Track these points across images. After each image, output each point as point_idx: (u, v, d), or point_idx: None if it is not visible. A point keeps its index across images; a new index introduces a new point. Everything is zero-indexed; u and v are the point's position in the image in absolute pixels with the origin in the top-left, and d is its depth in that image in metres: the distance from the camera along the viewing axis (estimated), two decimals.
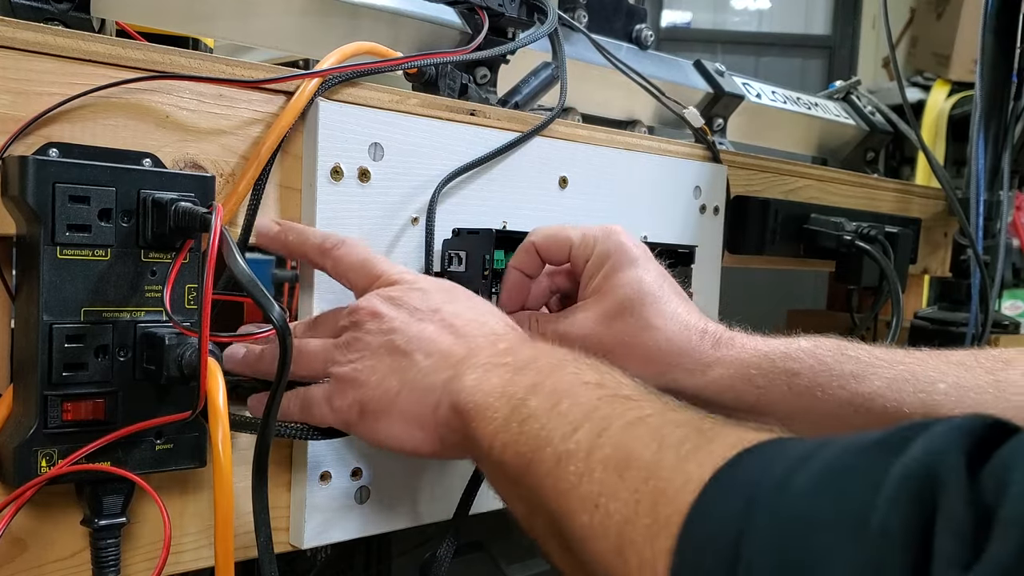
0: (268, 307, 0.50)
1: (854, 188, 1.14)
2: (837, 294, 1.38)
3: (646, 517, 0.37)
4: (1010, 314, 1.57)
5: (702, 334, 0.65)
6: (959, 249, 1.25)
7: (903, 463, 0.31)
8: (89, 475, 0.54)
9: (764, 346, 0.64)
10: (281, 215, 0.64)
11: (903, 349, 0.64)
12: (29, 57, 0.52)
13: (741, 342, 0.65)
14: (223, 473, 0.51)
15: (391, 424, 0.56)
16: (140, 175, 0.54)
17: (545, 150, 0.78)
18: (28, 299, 0.52)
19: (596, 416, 0.44)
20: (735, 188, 0.97)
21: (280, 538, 0.65)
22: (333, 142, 0.64)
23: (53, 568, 0.56)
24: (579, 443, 0.43)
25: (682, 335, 0.64)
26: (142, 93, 0.57)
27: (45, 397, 0.52)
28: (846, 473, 0.33)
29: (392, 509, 0.70)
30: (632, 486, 0.39)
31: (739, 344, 0.64)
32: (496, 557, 0.92)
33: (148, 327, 0.55)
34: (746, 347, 0.64)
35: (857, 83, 1.41)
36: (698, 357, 0.64)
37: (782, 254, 1.01)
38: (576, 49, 0.94)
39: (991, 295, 1.17)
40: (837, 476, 0.33)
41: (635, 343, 0.63)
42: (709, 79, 1.13)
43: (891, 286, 0.95)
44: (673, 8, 4.35)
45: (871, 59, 4.03)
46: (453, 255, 0.70)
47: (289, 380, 0.53)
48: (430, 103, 0.71)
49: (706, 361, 0.64)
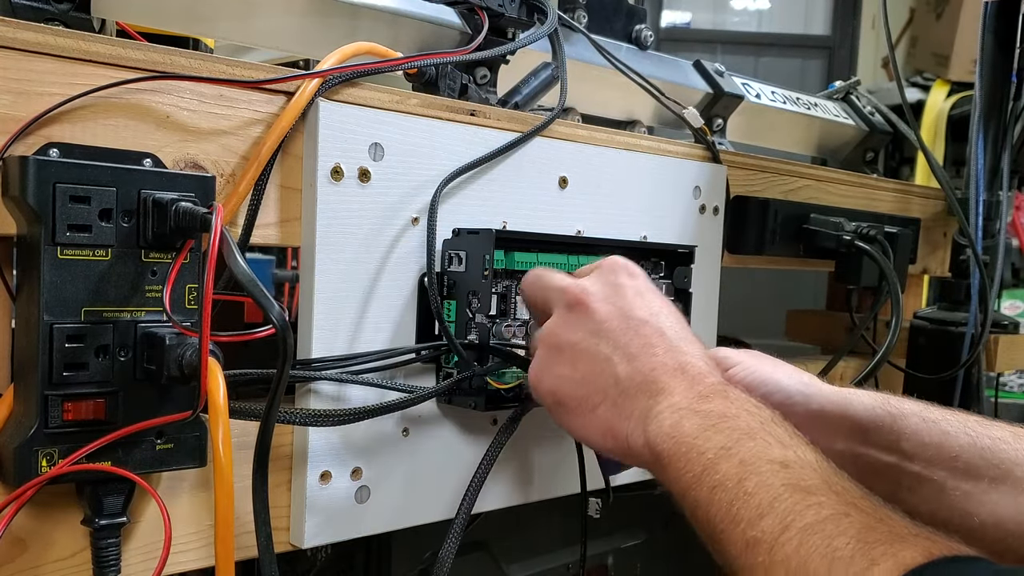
0: (268, 307, 0.50)
1: (853, 188, 1.14)
2: (837, 294, 1.38)
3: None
4: (1009, 314, 1.57)
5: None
6: (958, 249, 1.25)
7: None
8: (89, 475, 0.54)
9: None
10: (281, 215, 0.64)
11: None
12: (30, 57, 0.52)
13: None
14: (223, 473, 0.51)
15: (586, 426, 0.61)
16: (141, 175, 0.54)
17: (545, 150, 0.78)
18: (29, 299, 0.52)
19: (779, 508, 0.48)
20: (735, 188, 0.97)
21: (280, 538, 0.65)
22: (333, 142, 0.64)
23: (53, 568, 0.56)
24: (764, 533, 0.48)
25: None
26: (143, 93, 0.57)
27: (46, 397, 0.52)
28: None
29: (392, 509, 0.70)
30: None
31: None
32: (496, 557, 0.92)
33: (148, 327, 0.55)
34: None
35: (857, 83, 1.41)
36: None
37: (782, 254, 1.01)
38: (576, 49, 0.94)
39: (990, 295, 1.17)
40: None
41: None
42: (709, 79, 1.13)
43: (891, 286, 0.95)
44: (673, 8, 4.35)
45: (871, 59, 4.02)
46: (453, 255, 0.70)
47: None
48: (430, 103, 0.71)
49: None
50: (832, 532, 0.46)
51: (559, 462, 0.80)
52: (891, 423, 0.69)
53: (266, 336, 0.60)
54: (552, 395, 0.63)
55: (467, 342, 0.70)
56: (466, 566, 0.87)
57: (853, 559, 0.44)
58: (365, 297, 0.67)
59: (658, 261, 0.82)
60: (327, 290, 0.65)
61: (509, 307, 0.74)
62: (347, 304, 0.66)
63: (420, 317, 0.71)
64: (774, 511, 0.48)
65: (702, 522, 0.53)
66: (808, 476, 0.50)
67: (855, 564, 0.43)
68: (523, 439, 0.77)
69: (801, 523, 0.47)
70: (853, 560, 0.44)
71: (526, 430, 0.75)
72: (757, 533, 0.48)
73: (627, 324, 0.61)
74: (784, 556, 0.46)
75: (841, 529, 0.46)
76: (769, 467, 0.51)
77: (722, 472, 0.52)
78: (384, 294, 0.68)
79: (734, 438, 0.53)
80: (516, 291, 0.75)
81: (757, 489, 0.50)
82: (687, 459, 0.54)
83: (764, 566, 0.47)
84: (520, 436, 0.74)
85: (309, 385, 0.65)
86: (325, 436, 0.65)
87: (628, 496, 0.89)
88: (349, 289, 0.66)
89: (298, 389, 0.66)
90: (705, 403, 0.56)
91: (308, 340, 0.65)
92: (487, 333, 0.71)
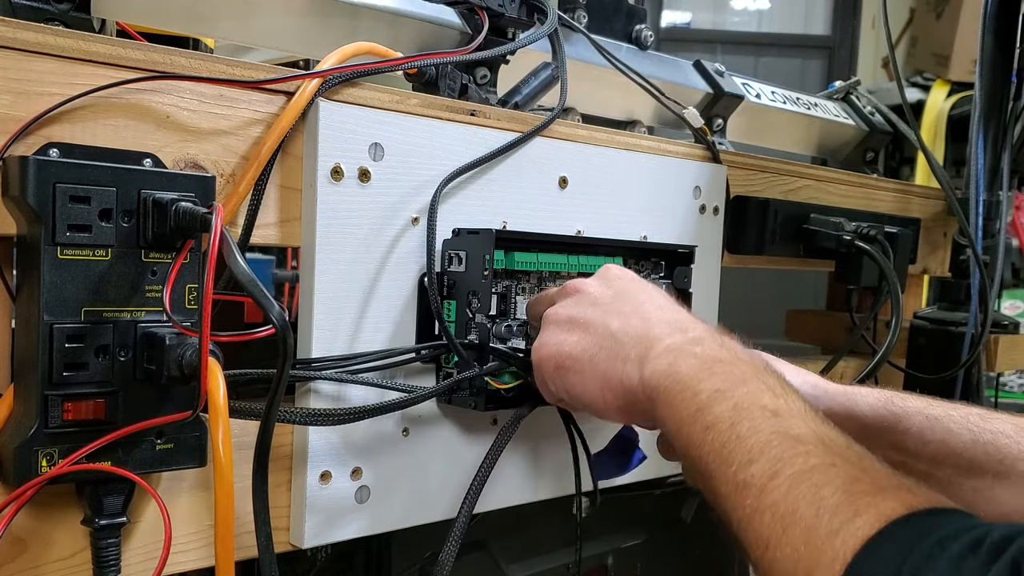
0: (268, 307, 0.50)
1: (854, 188, 1.14)
2: (837, 294, 1.38)
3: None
4: (1009, 314, 1.57)
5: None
6: (958, 249, 1.25)
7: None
8: (89, 475, 0.54)
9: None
10: (281, 215, 0.64)
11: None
12: (30, 57, 0.52)
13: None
14: (223, 473, 0.51)
15: (585, 381, 0.63)
16: (141, 175, 0.54)
17: (545, 150, 0.78)
18: (29, 299, 0.52)
19: (769, 455, 0.50)
20: (735, 188, 0.97)
21: (280, 538, 0.65)
22: (333, 142, 0.64)
23: (53, 568, 0.56)
24: (754, 477, 0.50)
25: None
26: (143, 93, 0.57)
27: (46, 397, 0.52)
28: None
29: (392, 509, 0.70)
30: (794, 543, 0.47)
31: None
32: (496, 557, 0.92)
33: (148, 327, 0.55)
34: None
35: (857, 83, 1.41)
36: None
37: (782, 254, 1.01)
38: (576, 49, 0.94)
39: (990, 295, 1.17)
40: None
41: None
42: (709, 79, 1.13)
43: (891, 286, 0.95)
44: (673, 8, 4.35)
45: (871, 59, 4.02)
46: (453, 255, 0.70)
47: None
48: (430, 103, 0.71)
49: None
50: (819, 481, 0.48)
51: (559, 463, 0.80)
52: (895, 423, 0.70)
53: (266, 336, 0.60)
54: (552, 360, 0.65)
55: (467, 342, 0.70)
56: (466, 566, 0.87)
57: (838, 509, 0.46)
58: (365, 297, 0.67)
59: (658, 261, 0.82)
60: (327, 290, 0.65)
61: (509, 307, 0.74)
62: (347, 304, 0.66)
63: (420, 317, 0.71)
64: (764, 457, 0.50)
65: (694, 459, 0.55)
66: (797, 425, 0.52)
67: (840, 514, 0.45)
68: (523, 439, 0.77)
69: (790, 471, 0.49)
70: (838, 510, 0.46)
71: (526, 430, 0.75)
72: (747, 477, 0.50)
73: (620, 296, 0.65)
74: (772, 502, 0.48)
75: (828, 479, 0.48)
76: (761, 413, 0.53)
77: (715, 414, 0.54)
78: (384, 294, 0.68)
79: (729, 383, 0.55)
80: (516, 291, 0.75)
81: (749, 434, 0.52)
82: (683, 397, 0.56)
83: (752, 508, 0.49)
84: (520, 436, 0.74)
85: (309, 385, 0.65)
86: (325, 436, 0.65)
87: (628, 496, 0.89)
88: (349, 289, 0.66)
89: (298, 389, 0.66)
90: (699, 346, 0.59)
91: (308, 340, 0.65)
92: (487, 333, 0.71)
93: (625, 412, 0.63)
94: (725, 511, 0.53)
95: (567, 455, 0.77)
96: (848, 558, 0.44)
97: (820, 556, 0.45)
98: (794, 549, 0.46)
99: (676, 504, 1.05)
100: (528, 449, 0.79)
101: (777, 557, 0.47)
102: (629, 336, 0.62)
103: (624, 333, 0.62)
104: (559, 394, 0.66)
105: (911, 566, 0.42)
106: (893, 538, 0.44)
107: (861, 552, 0.44)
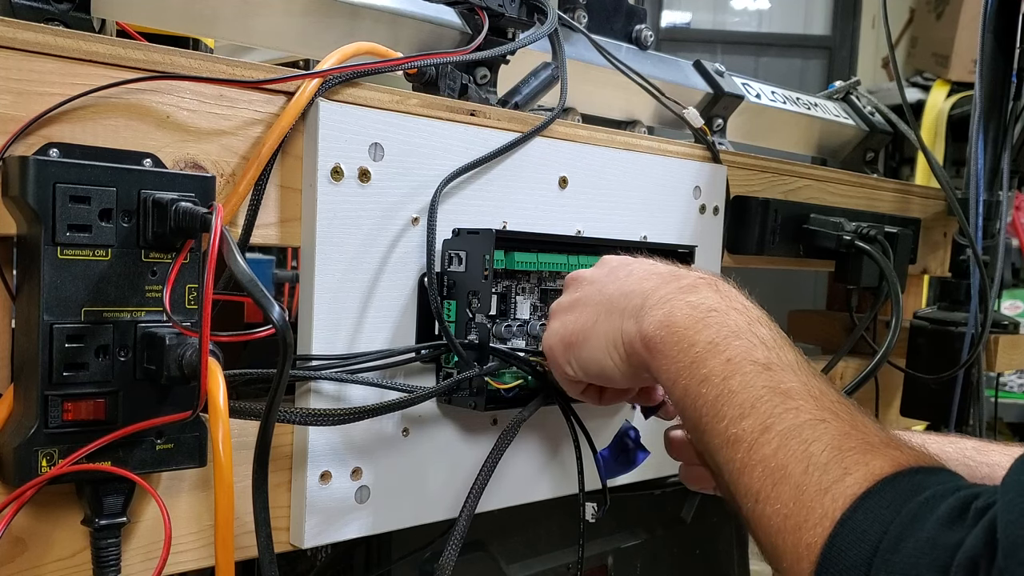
0: (268, 307, 0.50)
1: (854, 188, 1.14)
2: (837, 294, 1.38)
3: (792, 535, 0.47)
4: (1009, 314, 1.58)
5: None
6: (958, 249, 1.25)
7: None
8: (90, 475, 0.54)
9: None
10: (281, 215, 0.64)
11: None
12: (30, 57, 0.52)
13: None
14: (223, 473, 0.51)
15: (591, 348, 0.64)
16: (140, 175, 0.54)
17: (545, 150, 0.78)
18: (29, 299, 0.52)
19: (761, 410, 0.51)
20: (735, 188, 0.97)
21: (280, 538, 0.65)
22: (333, 142, 0.64)
23: (53, 568, 0.56)
24: (745, 432, 0.51)
25: None
26: (143, 93, 0.57)
27: (46, 397, 0.52)
28: (936, 545, 0.41)
29: (392, 509, 0.70)
30: (783, 499, 0.47)
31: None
32: (496, 557, 0.92)
33: (148, 327, 0.55)
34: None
35: (857, 83, 1.41)
36: None
37: (782, 254, 1.01)
38: (576, 49, 0.94)
39: (990, 295, 1.17)
40: (930, 547, 0.41)
41: None
42: (709, 79, 1.13)
43: (891, 286, 0.95)
44: (673, 8, 4.35)
45: (871, 59, 4.02)
46: (453, 255, 0.70)
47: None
48: (430, 103, 0.71)
49: None
50: (809, 437, 0.49)
51: (560, 463, 0.80)
52: None
53: (266, 336, 0.60)
54: (560, 339, 0.67)
55: (467, 342, 0.70)
56: (466, 566, 0.87)
57: (828, 466, 0.47)
58: (365, 297, 0.67)
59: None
60: (327, 290, 0.65)
61: (509, 307, 0.74)
62: (347, 304, 0.66)
63: (420, 317, 0.71)
64: (756, 412, 0.51)
65: (689, 410, 0.56)
66: (788, 379, 0.53)
67: (830, 472, 0.47)
68: (525, 439, 0.77)
69: (781, 426, 0.50)
70: (828, 467, 0.47)
71: (528, 429, 0.75)
72: (738, 431, 0.51)
73: (614, 270, 0.67)
74: (762, 456, 0.50)
75: (817, 435, 0.49)
76: (753, 368, 0.54)
77: (709, 367, 0.55)
78: (384, 294, 0.68)
79: (722, 335, 0.56)
80: (516, 291, 0.75)
81: (741, 388, 0.53)
82: (678, 348, 0.57)
83: (743, 462, 0.51)
84: (522, 435, 0.74)
85: (309, 384, 0.65)
86: (325, 436, 0.65)
87: (628, 496, 0.89)
88: (349, 289, 0.66)
89: (298, 389, 0.66)
90: (693, 294, 0.59)
91: (308, 340, 0.65)
92: (487, 333, 0.71)
93: (632, 369, 0.63)
94: (717, 464, 0.54)
95: (569, 454, 0.77)
96: (837, 515, 0.45)
97: (809, 513, 0.46)
98: (783, 504, 0.47)
99: (676, 504, 1.06)
100: (530, 448, 0.79)
101: (767, 512, 0.48)
102: (624, 295, 0.63)
103: (620, 293, 0.64)
104: (576, 373, 0.67)
105: (898, 524, 0.43)
106: (881, 497, 0.45)
107: (849, 510, 0.45)
